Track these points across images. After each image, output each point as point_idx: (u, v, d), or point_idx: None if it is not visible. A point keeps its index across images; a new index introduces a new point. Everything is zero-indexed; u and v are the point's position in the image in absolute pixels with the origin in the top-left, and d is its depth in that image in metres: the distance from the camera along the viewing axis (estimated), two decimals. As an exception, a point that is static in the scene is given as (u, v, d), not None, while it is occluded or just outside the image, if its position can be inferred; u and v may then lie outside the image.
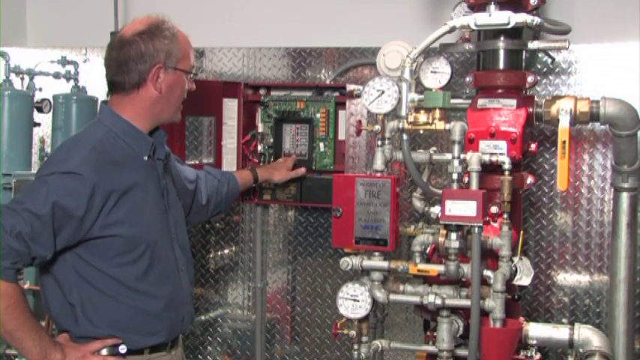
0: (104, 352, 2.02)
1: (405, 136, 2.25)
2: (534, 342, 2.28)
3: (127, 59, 2.05)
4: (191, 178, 2.45)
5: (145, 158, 2.10)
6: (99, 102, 3.32)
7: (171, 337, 2.14)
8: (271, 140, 3.10)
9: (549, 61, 2.85)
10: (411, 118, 2.24)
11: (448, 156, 2.18)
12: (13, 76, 3.21)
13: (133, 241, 2.01)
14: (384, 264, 2.19)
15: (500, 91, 2.37)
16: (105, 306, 2.01)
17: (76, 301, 1.99)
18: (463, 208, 2.03)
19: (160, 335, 2.09)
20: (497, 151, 2.23)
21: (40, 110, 3.22)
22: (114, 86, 2.10)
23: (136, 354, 2.06)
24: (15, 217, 1.86)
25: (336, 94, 3.05)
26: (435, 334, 2.23)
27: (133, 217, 2.00)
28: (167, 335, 2.11)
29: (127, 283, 2.01)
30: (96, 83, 3.42)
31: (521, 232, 2.40)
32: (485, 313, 2.10)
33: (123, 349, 2.03)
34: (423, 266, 2.17)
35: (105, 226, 1.96)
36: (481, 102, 2.35)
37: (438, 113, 2.24)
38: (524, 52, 2.44)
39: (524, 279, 2.23)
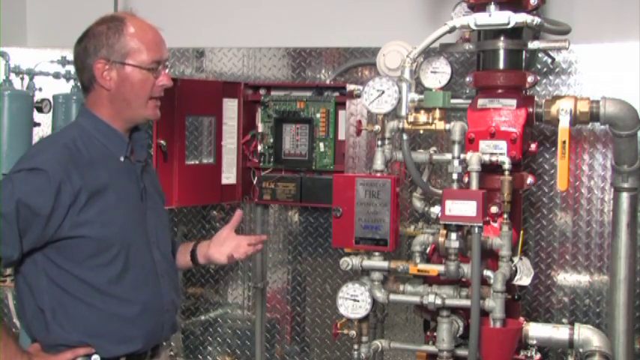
0: None
1: (405, 136, 2.25)
2: (534, 342, 2.27)
3: (77, 56, 2.02)
4: None
5: (122, 159, 2.02)
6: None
7: (149, 345, 2.02)
8: (271, 140, 3.11)
9: (549, 61, 2.85)
10: (411, 118, 2.24)
11: (448, 156, 2.18)
12: (13, 76, 3.20)
13: (105, 243, 1.91)
14: (384, 264, 2.19)
15: (500, 91, 2.37)
16: (76, 311, 1.91)
17: (47, 306, 1.90)
18: (463, 208, 2.03)
19: (135, 343, 1.97)
20: (497, 151, 2.23)
21: (40, 110, 3.21)
22: (80, 85, 2.07)
23: None
24: None
25: (336, 94, 3.05)
26: (435, 334, 2.23)
27: (104, 218, 1.91)
28: (144, 343, 2.00)
29: (100, 286, 1.92)
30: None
31: (521, 232, 2.40)
32: (485, 313, 2.10)
33: (96, 358, 1.92)
34: (423, 266, 2.17)
35: (74, 226, 1.86)
36: (481, 102, 2.35)
37: (438, 113, 2.24)
38: (524, 52, 2.44)
39: (524, 279, 2.23)
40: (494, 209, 2.25)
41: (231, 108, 3.11)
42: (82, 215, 1.87)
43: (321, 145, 3.04)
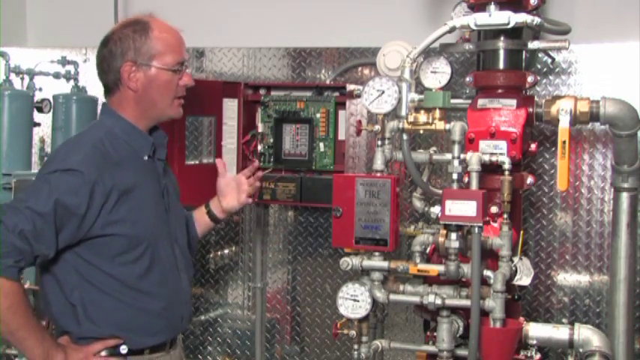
0: (105, 352, 2.01)
1: (405, 136, 2.25)
2: (534, 342, 2.28)
3: (103, 59, 2.08)
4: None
5: (146, 158, 2.11)
6: (99, 102, 3.33)
7: (171, 336, 2.14)
8: (271, 140, 3.11)
9: (549, 61, 2.85)
10: (411, 118, 2.24)
11: (448, 156, 2.18)
12: (13, 76, 3.21)
13: (134, 240, 2.00)
14: (384, 264, 2.19)
15: (500, 91, 2.37)
16: (107, 306, 2.00)
17: (78, 302, 1.98)
18: (463, 208, 2.03)
19: (160, 335, 2.09)
20: (497, 151, 2.23)
21: (40, 110, 3.22)
22: (103, 86, 2.13)
23: (137, 354, 2.06)
24: (17, 216, 1.86)
25: (336, 94, 3.05)
26: (435, 334, 2.23)
27: (133, 216, 2.00)
28: (167, 335, 2.11)
29: (129, 282, 2.01)
30: (96, 83, 3.40)
31: (521, 232, 2.40)
32: (485, 313, 2.10)
33: (124, 349, 2.03)
34: (423, 266, 2.17)
35: (106, 225, 1.95)
36: (481, 102, 2.35)
37: (438, 113, 2.24)
38: (524, 52, 2.44)
39: (524, 279, 2.23)
40: (494, 209, 2.25)
41: (231, 108, 3.11)
42: (113, 214, 1.96)
43: (321, 145, 3.04)
